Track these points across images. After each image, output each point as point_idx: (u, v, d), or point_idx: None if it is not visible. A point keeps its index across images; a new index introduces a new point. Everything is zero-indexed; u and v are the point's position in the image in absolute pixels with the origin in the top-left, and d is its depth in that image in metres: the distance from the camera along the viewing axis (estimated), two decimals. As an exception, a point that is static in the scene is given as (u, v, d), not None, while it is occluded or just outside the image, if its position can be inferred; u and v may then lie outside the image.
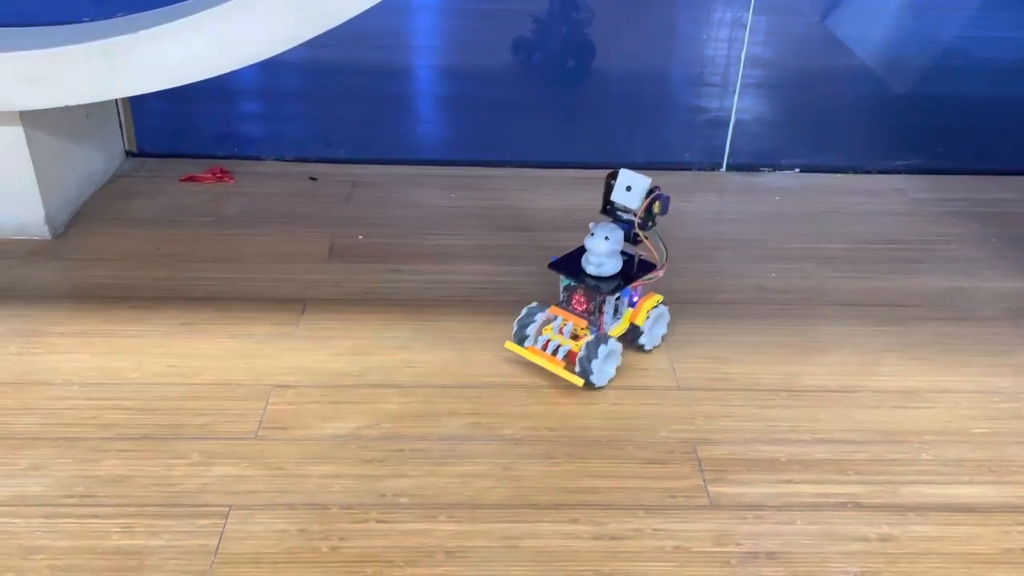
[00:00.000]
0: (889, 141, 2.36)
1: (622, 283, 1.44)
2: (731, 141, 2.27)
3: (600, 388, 1.43)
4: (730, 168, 2.28)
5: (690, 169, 2.28)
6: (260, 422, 1.35)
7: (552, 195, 2.11)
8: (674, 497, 1.23)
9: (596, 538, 1.16)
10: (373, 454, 1.30)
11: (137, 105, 2.22)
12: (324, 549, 1.13)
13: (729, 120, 2.27)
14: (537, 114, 2.39)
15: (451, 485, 1.24)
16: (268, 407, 1.38)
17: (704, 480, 1.26)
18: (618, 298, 1.48)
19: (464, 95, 2.47)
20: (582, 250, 1.46)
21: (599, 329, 1.46)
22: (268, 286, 1.71)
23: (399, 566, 1.11)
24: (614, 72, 2.39)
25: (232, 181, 2.14)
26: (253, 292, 1.69)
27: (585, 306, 1.45)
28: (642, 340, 1.52)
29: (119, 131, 2.21)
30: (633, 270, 1.47)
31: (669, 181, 2.24)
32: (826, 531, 1.18)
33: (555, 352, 1.44)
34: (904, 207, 2.10)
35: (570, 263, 1.47)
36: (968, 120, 2.42)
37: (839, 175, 2.25)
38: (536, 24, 2.37)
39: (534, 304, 1.50)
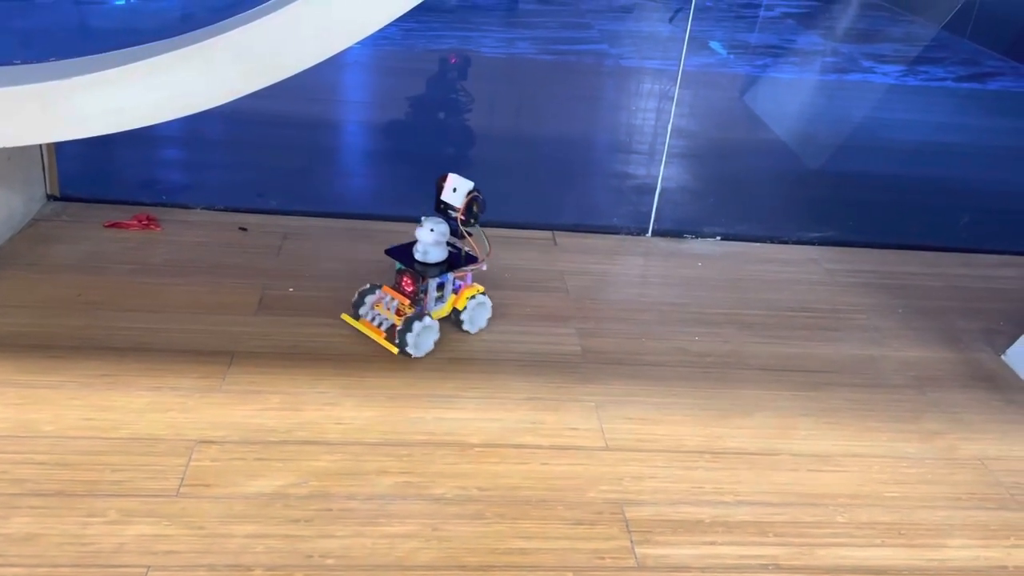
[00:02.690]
0: (804, 213, 2.49)
1: (445, 269, 1.67)
2: (657, 208, 2.36)
3: (416, 358, 1.65)
4: (655, 234, 2.36)
5: (618, 233, 2.34)
6: (182, 479, 1.31)
7: (484, 254, 2.14)
8: (602, 559, 1.25)
9: (525, 600, 1.16)
10: (300, 513, 1.27)
11: (61, 148, 2.17)
12: (247, 613, 1.10)
13: (655, 187, 2.36)
14: (470, 174, 2.44)
15: (379, 546, 1.23)
16: (191, 463, 1.35)
17: (631, 541, 1.28)
18: (441, 284, 1.70)
19: (398, 151, 2.50)
20: (415, 241, 1.68)
21: (423, 308, 1.66)
22: (193, 338, 1.67)
23: (325, 630, 1.09)
24: (547, 136, 2.47)
25: (159, 229, 2.10)
26: (178, 343, 1.65)
27: (412, 288, 1.68)
28: (464, 324, 1.74)
29: (41, 174, 2.14)
30: (458, 261, 1.70)
31: (597, 244, 2.30)
32: (748, 593, 1.21)
33: (380, 325, 1.69)
34: (818, 277, 2.21)
35: (403, 251, 1.70)
36: (876, 196, 2.58)
37: (757, 244, 2.35)
38: (469, 87, 2.43)
39: (368, 285, 1.73)
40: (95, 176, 2.28)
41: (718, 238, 2.36)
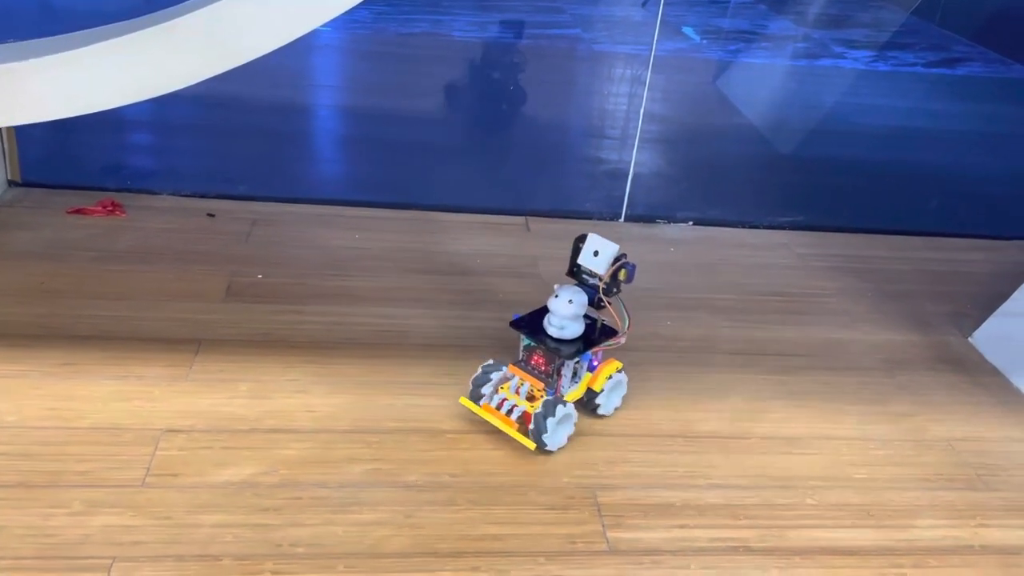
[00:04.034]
0: (775, 198, 2.50)
1: (583, 347, 1.42)
2: (629, 193, 2.35)
3: (551, 452, 1.40)
4: (628, 219, 2.36)
5: (591, 218, 2.34)
6: (148, 469, 1.29)
7: (457, 239, 2.13)
8: (574, 543, 1.25)
9: (497, 586, 1.16)
10: (269, 502, 1.26)
11: (23, 133, 2.11)
12: (215, 603, 1.09)
13: (628, 172, 2.35)
14: (443, 159, 2.42)
15: (350, 534, 1.22)
16: (157, 453, 1.32)
17: (603, 526, 1.28)
18: (577, 362, 1.45)
19: (370, 137, 2.47)
20: (545, 310, 1.43)
21: (556, 392, 1.43)
22: (160, 325, 1.64)
23: (295, 619, 1.08)
24: (519, 121, 2.45)
25: (124, 215, 2.06)
26: (143, 331, 1.62)
27: (544, 368, 1.43)
28: (598, 404, 1.49)
29: (2, 159, 2.09)
30: (595, 335, 1.45)
31: (571, 229, 2.29)
32: None
33: (509, 412, 1.40)
34: (789, 261, 2.22)
35: (532, 323, 1.44)
36: (845, 180, 2.59)
37: (729, 228, 2.36)
38: (443, 72, 2.41)
39: (492, 361, 1.46)
40: (58, 161, 2.23)
41: (690, 223, 2.37)
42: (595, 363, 1.49)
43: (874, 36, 2.92)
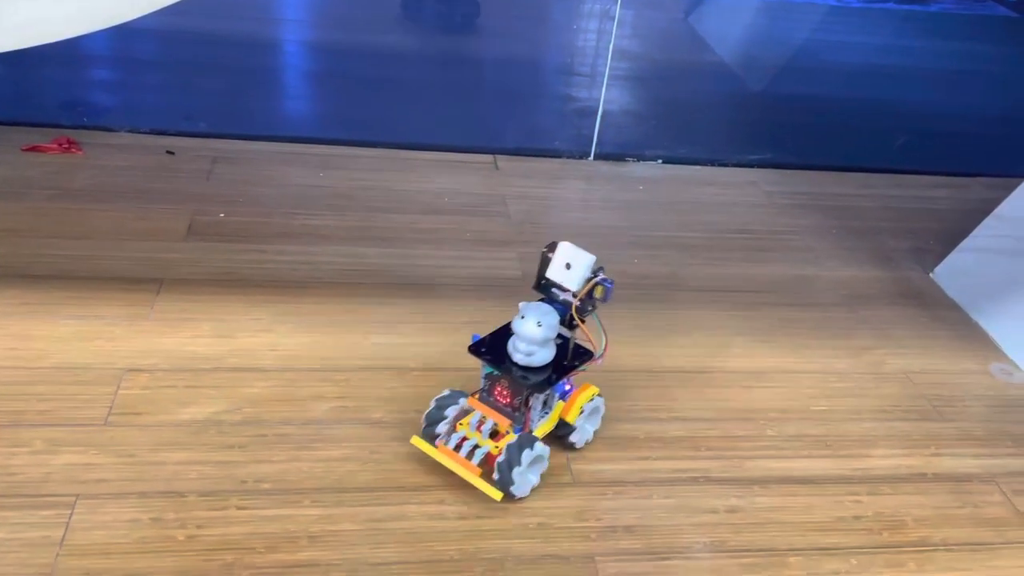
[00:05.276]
0: (744, 136, 2.49)
1: (554, 376, 1.21)
2: (599, 131, 2.33)
3: (521, 499, 1.21)
4: (597, 157, 2.34)
5: (560, 156, 2.32)
6: (110, 408, 1.28)
7: (423, 178, 2.11)
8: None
9: (462, 518, 1.18)
10: (234, 439, 1.26)
11: (-28, 67, 2.05)
12: (180, 538, 1.10)
13: (597, 110, 2.33)
14: (410, 96, 2.38)
15: (316, 469, 1.23)
16: (119, 392, 1.32)
17: (568, 458, 1.30)
18: (548, 392, 1.25)
19: (335, 72, 2.42)
20: (508, 331, 1.22)
21: (524, 427, 1.23)
22: (120, 265, 1.62)
23: (260, 552, 1.09)
24: (487, 57, 2.41)
25: (80, 153, 2.01)
26: (103, 271, 1.59)
27: (509, 400, 1.23)
28: (572, 438, 1.30)
29: (-50, 94, 2.03)
30: (567, 358, 1.23)
31: (540, 168, 2.28)
32: (680, 504, 1.24)
33: (470, 455, 1.20)
34: (756, 199, 2.22)
35: (493, 347, 1.23)
36: (815, 118, 2.59)
37: (698, 167, 2.35)
38: (410, 6, 2.35)
39: (447, 392, 1.26)
40: (11, 98, 2.16)
41: (660, 161, 2.36)
42: (567, 388, 1.30)
43: (847, -29, 2.88)
